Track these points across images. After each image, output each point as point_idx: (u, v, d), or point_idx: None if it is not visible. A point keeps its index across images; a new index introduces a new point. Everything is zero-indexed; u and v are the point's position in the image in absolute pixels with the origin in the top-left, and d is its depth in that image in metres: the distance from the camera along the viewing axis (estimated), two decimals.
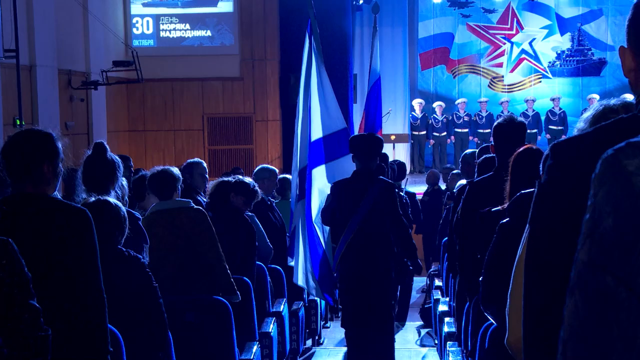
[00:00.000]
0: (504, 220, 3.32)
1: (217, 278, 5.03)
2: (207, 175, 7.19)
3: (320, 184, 6.81)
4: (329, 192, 6.64)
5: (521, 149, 3.68)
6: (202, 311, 4.82)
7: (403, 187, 10.27)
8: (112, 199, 3.83)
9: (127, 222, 3.81)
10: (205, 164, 7.21)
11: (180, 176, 5.20)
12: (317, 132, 6.76)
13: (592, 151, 1.57)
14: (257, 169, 7.59)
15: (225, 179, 6.05)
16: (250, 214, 6.29)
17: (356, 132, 11.69)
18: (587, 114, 2.01)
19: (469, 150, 7.58)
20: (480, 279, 3.46)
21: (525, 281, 1.75)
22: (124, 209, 3.84)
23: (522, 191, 3.11)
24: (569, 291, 1.25)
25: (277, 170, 7.65)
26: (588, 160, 1.56)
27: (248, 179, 6.11)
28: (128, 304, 3.72)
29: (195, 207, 5.10)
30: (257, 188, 6.07)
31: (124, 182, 4.41)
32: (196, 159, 7.27)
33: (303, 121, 6.71)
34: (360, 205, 6.16)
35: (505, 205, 3.70)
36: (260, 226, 6.45)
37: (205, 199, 6.48)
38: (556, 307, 1.65)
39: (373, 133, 6.95)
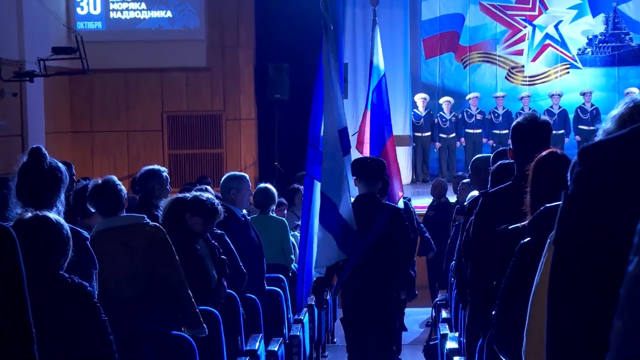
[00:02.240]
0: (525, 240, 3.32)
1: (180, 307, 5.03)
2: (168, 186, 7.17)
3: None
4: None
5: (543, 153, 3.70)
6: (161, 348, 4.81)
7: (406, 198, 10.42)
8: (52, 215, 3.82)
9: (70, 243, 3.81)
10: (165, 172, 7.20)
11: (124, 188, 5.22)
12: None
13: (627, 156, 1.59)
14: (223, 178, 7.57)
15: (181, 195, 6.01)
16: (219, 232, 6.27)
17: (351, 132, 11.83)
18: (615, 112, 2.03)
19: (481, 155, 7.61)
20: (493, 312, 3.46)
21: (550, 314, 1.75)
22: (67, 226, 3.83)
23: (547, 204, 3.12)
24: (617, 312, 1.26)
25: (247, 177, 7.61)
26: (622, 167, 1.58)
27: (206, 195, 6.05)
28: (71, 340, 3.71)
29: (152, 223, 5.10)
30: (218, 206, 6.00)
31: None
32: (155, 166, 7.25)
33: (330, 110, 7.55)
34: (368, 232, 7.01)
35: (526, 222, 3.71)
36: (232, 246, 6.45)
37: None
38: (589, 342, 1.66)
39: (376, 157, 7.91)
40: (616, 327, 1.27)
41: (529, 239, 3.29)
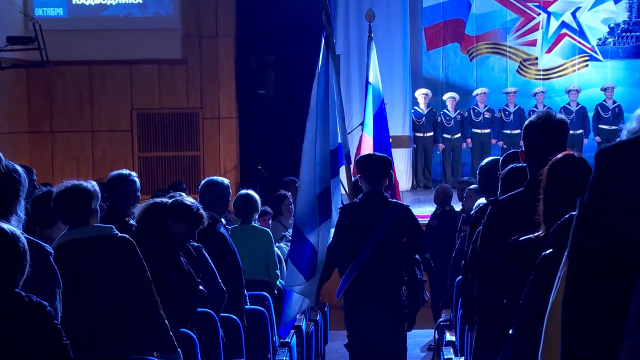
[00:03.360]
0: (547, 252, 3.32)
1: (151, 329, 5.02)
2: (139, 193, 7.19)
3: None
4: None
5: (559, 156, 3.71)
6: None
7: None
8: (6, 226, 3.81)
9: (27, 257, 3.80)
10: (136, 177, 7.22)
11: (99, 194, 5.20)
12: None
13: None
14: (202, 184, 7.58)
15: (159, 200, 6.03)
16: (196, 244, 6.28)
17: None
18: None
19: (489, 158, 7.64)
20: (510, 332, 3.46)
21: (565, 334, 1.77)
22: (23, 238, 3.82)
23: (572, 212, 3.11)
24: (628, 329, 1.27)
25: (228, 183, 7.63)
26: None
27: (190, 200, 6.11)
28: None
29: (119, 235, 5.09)
30: (202, 211, 6.09)
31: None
32: (124, 171, 7.28)
33: (322, 130, 8.24)
34: (374, 231, 7.45)
35: (540, 233, 3.72)
36: (210, 261, 6.45)
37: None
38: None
39: (380, 154, 8.31)
40: (627, 346, 1.28)
41: (550, 250, 3.28)
